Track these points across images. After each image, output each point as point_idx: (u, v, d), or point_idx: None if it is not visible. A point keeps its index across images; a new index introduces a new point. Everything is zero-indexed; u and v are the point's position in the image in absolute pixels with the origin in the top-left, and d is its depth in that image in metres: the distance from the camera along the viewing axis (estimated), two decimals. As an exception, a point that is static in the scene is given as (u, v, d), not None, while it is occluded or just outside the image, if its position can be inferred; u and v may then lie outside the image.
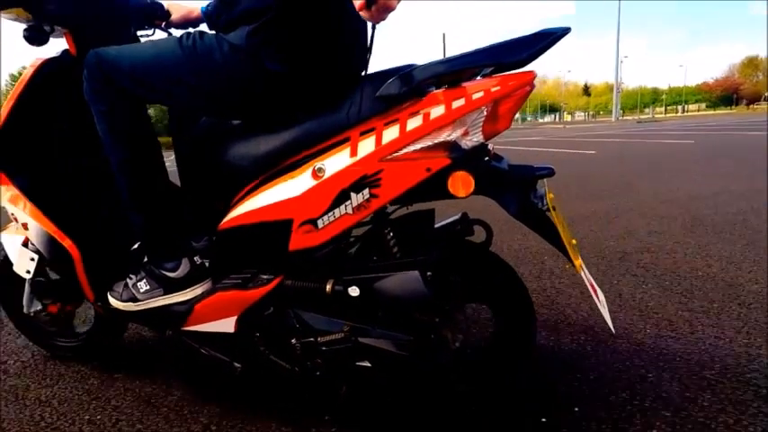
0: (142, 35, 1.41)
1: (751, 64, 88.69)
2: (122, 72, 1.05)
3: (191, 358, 1.22)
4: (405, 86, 0.92)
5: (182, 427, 1.21)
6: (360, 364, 1.09)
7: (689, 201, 3.67)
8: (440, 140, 0.92)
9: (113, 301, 1.20)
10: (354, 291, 1.03)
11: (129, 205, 1.13)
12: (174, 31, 1.42)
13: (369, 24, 0.98)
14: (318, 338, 1.08)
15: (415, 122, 0.92)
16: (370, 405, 1.28)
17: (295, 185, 1.00)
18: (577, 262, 0.97)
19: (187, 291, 1.14)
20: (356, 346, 1.06)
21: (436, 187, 0.94)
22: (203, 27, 1.36)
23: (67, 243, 1.23)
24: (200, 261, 1.18)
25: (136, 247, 1.29)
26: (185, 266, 1.14)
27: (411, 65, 0.96)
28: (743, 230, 2.75)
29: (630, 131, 16.61)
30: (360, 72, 1.08)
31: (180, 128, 1.29)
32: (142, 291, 1.16)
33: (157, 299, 1.15)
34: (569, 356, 1.46)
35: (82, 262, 1.24)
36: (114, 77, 1.05)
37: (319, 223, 0.99)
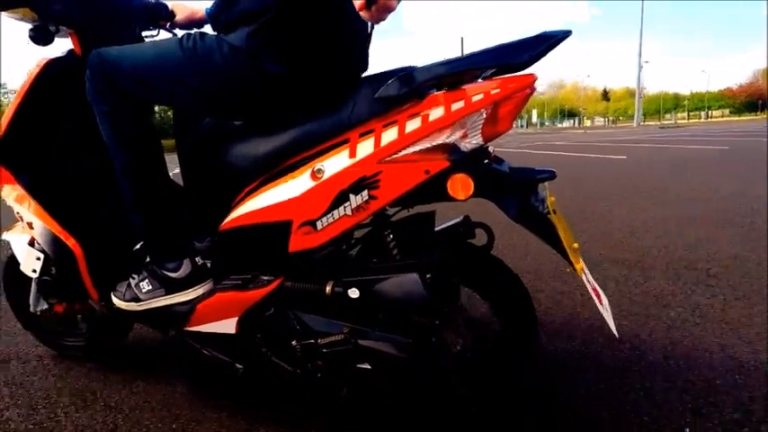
0: (147, 36, 1.42)
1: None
2: (123, 72, 1.05)
3: (193, 359, 1.23)
4: (404, 88, 0.92)
5: (182, 428, 1.22)
6: (360, 366, 1.09)
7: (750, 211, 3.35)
8: (439, 142, 0.91)
9: (116, 301, 1.20)
10: (354, 293, 1.03)
11: (130, 206, 1.13)
12: (179, 32, 1.43)
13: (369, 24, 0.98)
14: (318, 340, 1.08)
15: (414, 124, 0.92)
16: (370, 407, 1.27)
17: (294, 187, 1.00)
18: (578, 266, 0.96)
19: (188, 291, 1.15)
20: (356, 348, 1.05)
21: (435, 189, 0.93)
22: (207, 28, 1.37)
23: (71, 242, 1.24)
24: (202, 262, 1.18)
25: (138, 247, 1.30)
26: (187, 267, 1.15)
27: (411, 66, 0.95)
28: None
29: (655, 137, 16.11)
30: (360, 72, 1.08)
31: (183, 129, 1.29)
32: (144, 291, 1.16)
33: (159, 299, 1.16)
34: (572, 360, 1.45)
35: (85, 261, 1.25)
36: (116, 78, 1.06)
37: (318, 225, 0.99)
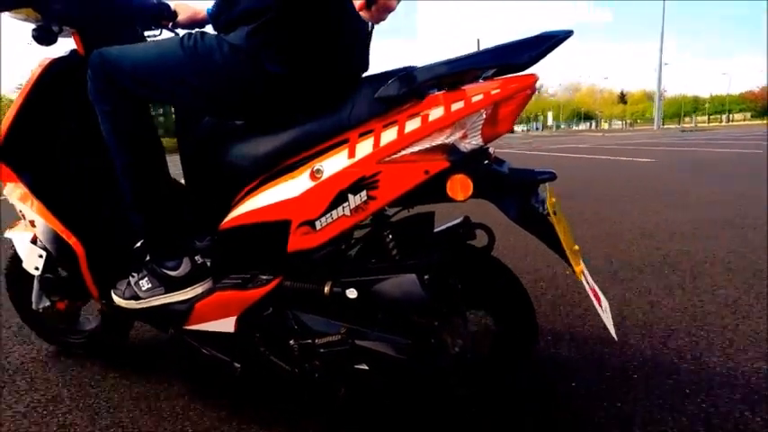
0: (149, 35, 1.42)
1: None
2: (124, 72, 1.06)
3: (192, 358, 1.23)
4: (404, 88, 0.91)
5: (182, 427, 1.22)
6: (358, 367, 1.08)
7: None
8: (438, 143, 0.91)
9: (117, 299, 1.21)
10: (352, 293, 1.03)
11: (131, 205, 1.14)
12: (181, 32, 1.43)
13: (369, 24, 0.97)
14: (316, 340, 1.08)
15: (413, 124, 0.91)
16: (368, 407, 1.27)
17: (293, 186, 0.99)
18: (578, 268, 0.95)
19: (188, 290, 1.15)
20: (353, 348, 1.05)
21: (435, 190, 0.93)
22: (209, 28, 1.37)
23: (72, 241, 1.25)
24: (202, 260, 1.18)
25: (138, 245, 1.30)
26: (186, 265, 1.15)
27: (411, 66, 0.95)
28: None
29: (678, 140, 15.78)
30: (360, 72, 1.08)
31: (184, 128, 1.29)
32: (144, 289, 1.17)
33: (159, 297, 1.16)
34: (572, 361, 1.44)
35: (86, 259, 1.25)
36: (116, 77, 1.06)
37: (317, 225, 0.99)
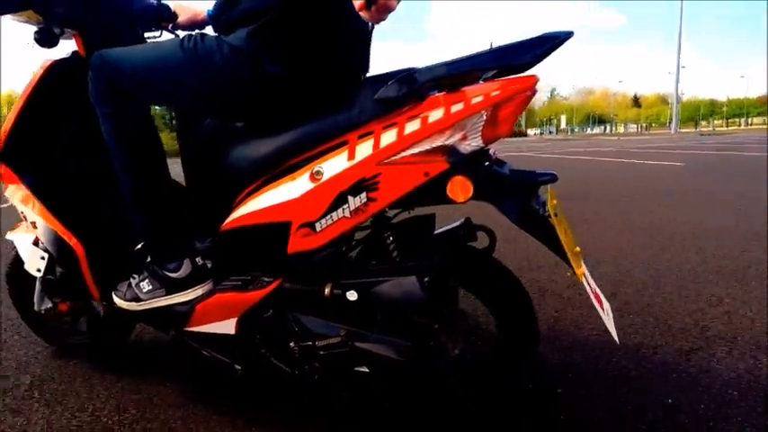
0: (149, 37, 1.42)
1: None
2: (124, 74, 1.06)
3: (193, 359, 1.23)
4: (404, 89, 0.91)
5: (182, 428, 1.22)
6: (358, 369, 1.08)
7: None
8: (438, 144, 0.91)
9: (117, 301, 1.21)
10: (352, 295, 1.02)
11: (131, 206, 1.14)
12: (181, 33, 1.43)
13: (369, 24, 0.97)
14: (316, 342, 1.08)
15: (413, 126, 0.91)
16: (369, 409, 1.27)
17: (293, 188, 0.99)
18: (579, 270, 0.95)
19: (188, 291, 1.15)
20: (353, 350, 1.05)
21: (435, 192, 0.92)
22: (209, 29, 1.37)
23: (73, 242, 1.25)
24: (202, 262, 1.18)
25: (139, 247, 1.30)
26: (187, 267, 1.15)
27: (412, 68, 0.95)
28: None
29: (698, 144, 15.53)
30: (360, 73, 1.07)
31: (185, 130, 1.29)
32: (145, 290, 1.17)
33: (159, 299, 1.16)
34: (571, 362, 1.43)
35: (87, 261, 1.26)
36: (116, 79, 1.06)
37: (317, 226, 0.99)
